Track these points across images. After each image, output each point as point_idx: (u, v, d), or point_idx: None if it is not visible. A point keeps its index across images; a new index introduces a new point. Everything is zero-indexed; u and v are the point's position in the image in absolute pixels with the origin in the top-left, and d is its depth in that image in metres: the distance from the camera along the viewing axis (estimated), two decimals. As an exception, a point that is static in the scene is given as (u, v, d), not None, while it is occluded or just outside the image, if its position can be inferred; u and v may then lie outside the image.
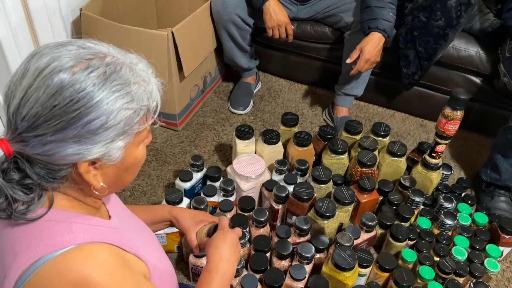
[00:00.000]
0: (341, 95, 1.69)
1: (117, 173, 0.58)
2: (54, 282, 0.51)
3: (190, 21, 1.49)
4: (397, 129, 1.77)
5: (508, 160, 1.34)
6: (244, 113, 1.77)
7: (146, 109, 0.55)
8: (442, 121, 1.22)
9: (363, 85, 1.66)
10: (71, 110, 0.49)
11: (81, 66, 0.51)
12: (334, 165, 1.37)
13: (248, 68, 1.79)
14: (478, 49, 1.55)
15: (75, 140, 0.51)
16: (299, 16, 1.70)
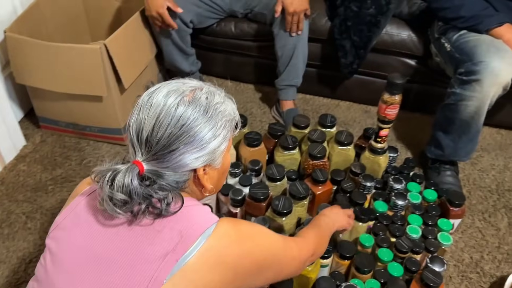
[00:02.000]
0: (283, 88, 1.70)
1: (218, 176, 0.77)
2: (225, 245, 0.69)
3: (124, 31, 1.45)
4: (344, 118, 1.81)
5: (448, 136, 1.40)
6: None
7: (234, 119, 0.75)
8: (382, 107, 1.26)
9: (301, 72, 1.67)
10: (194, 125, 0.67)
11: (190, 95, 0.69)
12: (286, 161, 1.38)
13: (190, 72, 1.75)
14: (409, 33, 1.61)
15: (196, 150, 0.68)
16: (233, 7, 1.70)
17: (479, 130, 1.35)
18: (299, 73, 1.67)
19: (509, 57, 1.23)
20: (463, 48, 1.32)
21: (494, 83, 1.21)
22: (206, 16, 1.68)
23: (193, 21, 1.61)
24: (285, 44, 1.58)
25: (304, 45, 1.62)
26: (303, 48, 1.61)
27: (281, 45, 1.59)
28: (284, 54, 1.60)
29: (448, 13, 1.38)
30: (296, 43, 1.57)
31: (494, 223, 1.40)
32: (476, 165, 1.61)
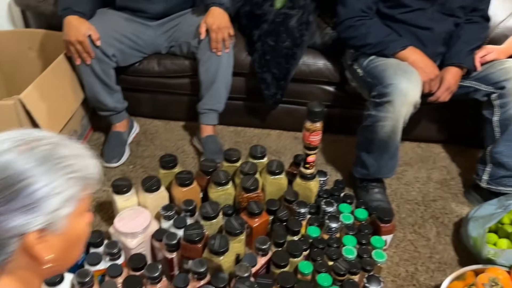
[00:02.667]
0: (204, 112, 1.71)
1: (64, 245, 0.62)
2: None
3: (41, 82, 1.40)
4: (275, 146, 1.85)
5: (371, 155, 1.48)
6: (119, 164, 1.69)
7: (87, 178, 0.62)
8: (306, 134, 1.31)
9: (223, 99, 1.69)
10: (17, 181, 0.55)
11: (28, 145, 0.58)
12: (221, 197, 1.37)
13: (115, 109, 1.69)
14: (325, 61, 1.70)
15: (23, 210, 0.55)
16: (157, 42, 1.70)
17: (398, 147, 1.44)
18: (221, 99, 1.69)
19: (415, 78, 1.33)
20: (373, 72, 1.41)
21: (404, 103, 1.30)
22: (129, 53, 1.66)
23: (116, 55, 1.59)
24: (208, 68, 1.60)
25: (227, 72, 1.64)
26: (226, 74, 1.63)
27: (204, 70, 1.61)
28: (207, 78, 1.62)
29: (356, 41, 1.48)
30: (219, 68, 1.60)
31: (424, 234, 1.48)
32: (402, 179, 1.70)
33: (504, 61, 1.43)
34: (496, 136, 1.45)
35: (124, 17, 1.65)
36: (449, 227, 1.50)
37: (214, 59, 1.58)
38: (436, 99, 1.46)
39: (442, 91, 1.44)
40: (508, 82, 1.38)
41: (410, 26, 1.44)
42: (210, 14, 1.55)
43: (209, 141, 1.71)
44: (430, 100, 1.47)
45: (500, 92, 1.41)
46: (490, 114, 1.45)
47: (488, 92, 1.45)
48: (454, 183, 1.69)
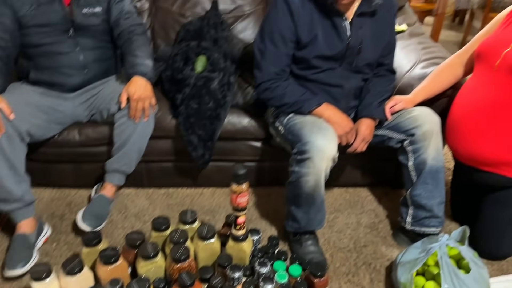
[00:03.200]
0: (110, 171, 1.68)
1: None
2: None
3: None
4: (209, 206, 1.83)
5: (300, 209, 1.50)
6: (24, 271, 1.43)
7: None
8: (233, 197, 1.31)
9: (133, 163, 1.67)
10: None
11: None
12: (150, 271, 1.32)
13: (21, 200, 1.48)
14: (249, 119, 1.75)
15: None
16: (77, 112, 1.66)
17: (323, 199, 1.48)
18: (131, 162, 1.67)
19: (330, 134, 1.40)
20: (292, 130, 1.47)
21: (322, 158, 1.35)
22: (46, 127, 1.60)
23: (31, 133, 1.51)
24: (123, 131, 1.59)
25: (142, 139, 1.63)
26: (140, 140, 1.62)
27: (118, 132, 1.60)
28: (119, 140, 1.61)
29: (274, 102, 1.54)
30: (133, 133, 1.59)
31: (358, 282, 1.50)
32: (333, 227, 1.74)
33: (411, 110, 1.55)
34: (413, 179, 1.54)
35: (38, 91, 1.61)
36: (382, 272, 1.54)
37: (130, 124, 1.58)
38: (353, 150, 1.54)
39: (358, 142, 1.52)
40: (417, 129, 1.49)
41: (322, 85, 1.53)
42: (133, 83, 1.56)
43: (97, 201, 1.65)
44: (349, 151, 1.54)
45: (411, 139, 1.51)
46: (405, 159, 1.55)
47: (400, 140, 1.55)
48: (382, 225, 1.75)
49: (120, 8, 1.67)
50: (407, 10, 2.24)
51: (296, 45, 1.49)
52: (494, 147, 1.39)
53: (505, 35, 1.39)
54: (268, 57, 1.50)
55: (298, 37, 1.47)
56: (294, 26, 1.45)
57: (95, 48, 1.67)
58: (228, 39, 1.93)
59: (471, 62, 1.53)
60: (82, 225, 1.58)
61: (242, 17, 2.12)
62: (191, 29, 1.94)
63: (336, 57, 1.49)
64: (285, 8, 1.45)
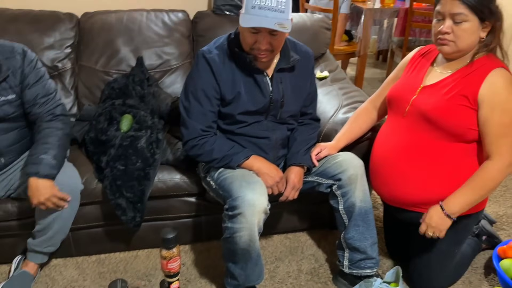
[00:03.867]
0: (33, 252, 1.58)
1: None
2: None
3: None
4: (144, 269, 1.74)
5: (237, 265, 1.47)
6: None
7: None
8: (164, 263, 1.26)
9: (58, 243, 1.60)
10: None
11: None
12: None
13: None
14: (181, 176, 1.71)
15: None
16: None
17: (259, 253, 1.46)
18: (57, 243, 1.60)
19: (259, 187, 1.40)
20: (223, 185, 1.46)
21: (254, 212, 1.35)
22: None
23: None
24: (46, 215, 1.51)
25: (68, 220, 1.57)
26: (66, 223, 1.57)
27: (40, 215, 1.51)
28: (43, 224, 1.52)
29: (203, 158, 1.53)
30: (58, 216, 1.51)
31: (301, 333, 1.47)
32: (275, 278, 1.71)
33: (336, 156, 1.60)
34: (345, 222, 1.57)
35: None
36: (324, 320, 1.52)
37: (52, 210, 1.49)
38: (285, 198, 1.55)
39: (289, 190, 1.53)
40: (343, 174, 1.54)
41: (250, 137, 1.55)
42: (29, 188, 1.44)
43: (18, 278, 1.56)
44: (281, 200, 1.55)
45: (338, 183, 1.55)
46: (336, 203, 1.58)
47: (329, 184, 1.58)
48: (322, 270, 1.75)
49: (33, 93, 1.52)
50: (328, 56, 2.36)
51: (221, 101, 1.51)
52: (414, 188, 1.46)
53: (411, 81, 1.49)
54: (193, 114, 1.50)
55: (222, 95, 1.49)
56: (217, 84, 1.48)
57: (11, 131, 1.55)
58: (155, 95, 1.91)
59: (384, 106, 1.63)
60: None
61: (170, 71, 2.12)
62: (116, 87, 1.91)
63: (261, 111, 1.53)
64: (207, 67, 1.47)
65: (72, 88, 2.03)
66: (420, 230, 1.43)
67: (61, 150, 1.51)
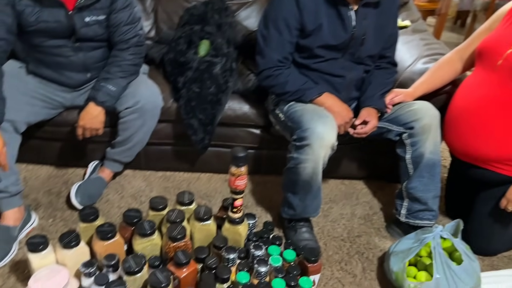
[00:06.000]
0: (111, 160, 1.71)
1: None
2: None
3: None
4: (205, 190, 1.84)
5: (296, 196, 1.52)
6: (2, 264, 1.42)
7: None
8: (232, 179, 1.32)
9: (134, 154, 1.71)
10: None
11: None
12: (147, 248, 1.33)
13: (4, 190, 1.45)
14: (249, 106, 1.75)
15: None
16: (75, 103, 1.65)
17: (320, 187, 1.49)
18: (133, 155, 1.71)
19: (330, 122, 1.41)
20: (293, 117, 1.48)
21: (321, 145, 1.37)
22: (44, 113, 1.60)
23: (28, 121, 1.51)
24: (128, 128, 1.60)
25: (146, 135, 1.67)
26: (144, 137, 1.66)
27: (123, 127, 1.61)
28: (124, 135, 1.63)
29: (276, 89, 1.55)
30: (138, 131, 1.61)
31: (350, 270, 1.52)
32: (328, 217, 1.76)
33: (411, 103, 1.56)
34: (409, 172, 1.56)
35: (37, 80, 1.58)
36: (374, 262, 1.56)
37: (136, 123, 1.59)
38: (354, 132, 1.54)
39: (361, 125, 1.53)
40: (416, 123, 1.50)
41: (324, 74, 1.54)
42: (86, 110, 1.53)
43: (93, 182, 1.69)
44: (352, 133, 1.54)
45: (409, 132, 1.52)
46: (403, 152, 1.56)
47: (399, 132, 1.56)
48: (376, 218, 1.77)
49: (118, 19, 1.54)
50: (411, 6, 2.24)
51: (300, 33, 1.49)
52: (489, 144, 1.41)
53: (508, 34, 1.40)
54: (271, 43, 1.50)
55: (302, 25, 1.47)
56: (299, 13, 1.46)
57: (97, 49, 1.60)
58: (232, 25, 1.93)
59: (470, 59, 1.54)
60: (74, 200, 1.61)
61: (246, 4, 2.11)
62: (195, 14, 1.94)
63: (340, 47, 1.50)
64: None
65: (152, 11, 2.08)
66: (501, 205, 1.44)
67: (122, 81, 1.56)
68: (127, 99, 1.56)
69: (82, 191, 1.63)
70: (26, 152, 1.53)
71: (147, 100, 1.56)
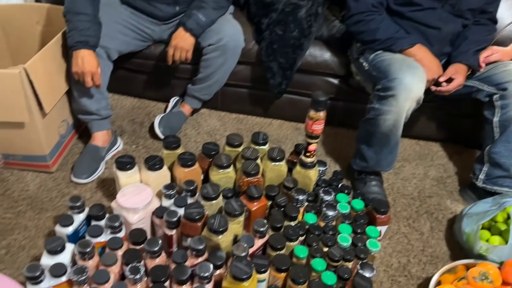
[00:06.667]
0: (191, 97, 1.78)
1: None
2: None
3: (44, 54, 1.40)
4: (276, 135, 1.87)
5: (371, 148, 1.50)
6: (87, 181, 1.53)
7: None
8: (309, 123, 1.33)
9: (213, 92, 1.76)
10: None
11: None
12: (222, 179, 1.40)
13: (96, 113, 1.56)
14: (331, 54, 1.72)
15: None
16: (163, 36, 1.71)
17: (398, 142, 1.46)
18: (211, 93, 1.77)
19: (420, 74, 1.35)
20: (379, 66, 1.43)
21: (407, 97, 1.32)
22: (134, 44, 1.67)
23: (120, 50, 1.59)
24: (210, 65, 1.64)
25: (226, 74, 1.71)
26: (224, 76, 1.71)
27: (205, 64, 1.65)
28: (205, 72, 1.67)
29: (365, 36, 1.49)
30: (219, 69, 1.65)
31: (418, 228, 1.50)
32: (399, 175, 1.73)
33: (507, 63, 1.45)
34: (495, 136, 1.48)
35: (129, 11, 1.63)
36: (443, 223, 1.53)
37: (218, 60, 1.62)
38: (438, 89, 1.47)
39: (454, 85, 1.45)
40: (510, 84, 1.40)
41: (419, 24, 1.46)
42: (176, 32, 1.58)
43: (175, 115, 1.78)
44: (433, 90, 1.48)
45: (502, 93, 1.43)
46: (491, 114, 1.48)
47: (490, 93, 1.47)
48: (450, 181, 1.72)
49: None
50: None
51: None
52: None
53: None
54: None
55: None
56: None
57: None
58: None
59: None
60: (157, 130, 1.71)
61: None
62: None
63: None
64: None
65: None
66: None
67: (213, 13, 1.59)
68: (211, 35, 1.59)
69: (164, 122, 1.72)
70: (113, 82, 1.62)
71: (230, 38, 1.58)
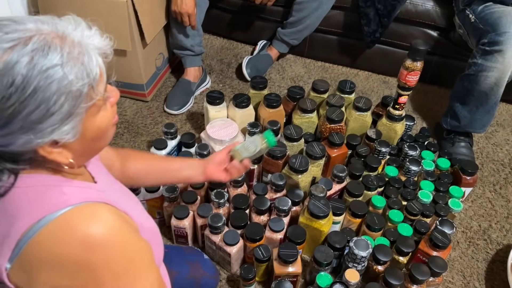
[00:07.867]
0: (280, 40, 1.78)
1: (83, 145, 0.57)
2: (59, 242, 0.53)
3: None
4: (362, 87, 1.83)
5: (465, 107, 1.42)
6: (178, 113, 1.62)
7: (87, 84, 0.52)
8: (404, 73, 1.28)
9: (302, 37, 1.75)
10: (6, 107, 0.48)
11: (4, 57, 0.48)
12: (304, 123, 1.41)
13: (190, 48, 1.63)
14: (434, 3, 1.60)
15: (23, 131, 0.50)
16: None
17: (497, 102, 1.36)
18: (301, 38, 1.77)
19: (534, 29, 1.22)
20: (487, 19, 1.32)
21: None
22: None
23: None
24: (302, 9, 1.63)
25: (318, 20, 1.69)
26: (316, 21, 1.69)
27: (297, 8, 1.65)
28: (297, 16, 1.67)
29: (475, -18, 1.37)
30: (311, 14, 1.63)
31: (505, 195, 1.43)
32: (491, 139, 1.62)
33: None
34: None
35: None
36: (534, 194, 1.43)
37: (311, 5, 1.60)
38: None
39: None
40: None
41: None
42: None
43: (263, 58, 1.80)
44: None
45: None
46: None
47: None
48: (549, 152, 1.59)
49: None
50: None
51: None
52: None
53: None
54: None
55: None
56: None
57: None
58: None
59: None
60: (245, 70, 1.76)
61: None
62: None
63: None
64: None
65: None
66: None
67: None
68: None
69: (252, 64, 1.76)
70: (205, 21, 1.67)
71: None
